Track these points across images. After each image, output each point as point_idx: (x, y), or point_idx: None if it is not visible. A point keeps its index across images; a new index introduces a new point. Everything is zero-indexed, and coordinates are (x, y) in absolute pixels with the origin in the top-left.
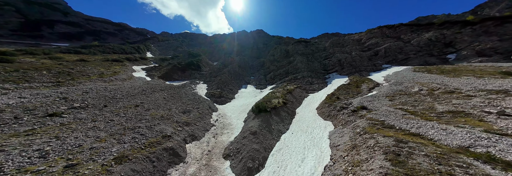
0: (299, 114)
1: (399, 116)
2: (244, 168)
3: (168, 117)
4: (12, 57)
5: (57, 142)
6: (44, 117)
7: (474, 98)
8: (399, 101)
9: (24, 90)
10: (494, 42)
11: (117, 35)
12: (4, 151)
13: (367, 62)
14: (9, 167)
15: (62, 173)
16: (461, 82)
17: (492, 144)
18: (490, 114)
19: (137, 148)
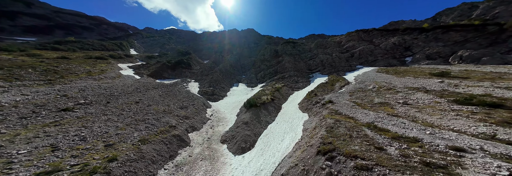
0: (284, 108)
1: (349, 107)
2: (238, 148)
3: (169, 112)
4: None
5: (86, 130)
6: (59, 112)
7: (399, 93)
8: (355, 96)
9: (20, 88)
10: (439, 47)
11: (94, 30)
12: (50, 136)
13: (344, 63)
14: (63, 146)
15: (106, 149)
16: (401, 81)
17: (382, 121)
18: (399, 104)
19: (152, 134)
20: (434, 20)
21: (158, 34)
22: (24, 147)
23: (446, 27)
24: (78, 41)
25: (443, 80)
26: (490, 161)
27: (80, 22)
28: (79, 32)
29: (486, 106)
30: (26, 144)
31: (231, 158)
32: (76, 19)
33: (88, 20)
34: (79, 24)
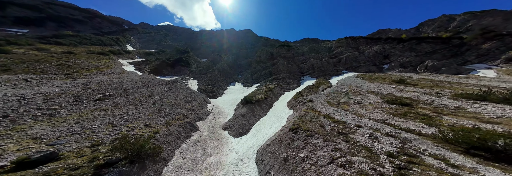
0: (275, 106)
1: (321, 104)
2: (237, 133)
3: (179, 104)
4: (6, 48)
5: (125, 114)
6: (95, 101)
7: (360, 95)
8: (330, 97)
9: (48, 80)
10: (411, 57)
11: (87, 23)
12: (104, 117)
13: (332, 67)
14: (117, 124)
15: (146, 127)
16: (368, 86)
17: (335, 113)
18: (354, 103)
19: (172, 120)
20: (417, 30)
21: (154, 30)
22: (93, 124)
23: (420, 39)
24: (75, 35)
25: (396, 86)
26: (368, 131)
27: (73, 14)
28: (72, 25)
29: (400, 104)
30: (92, 122)
31: (231, 139)
32: (69, 11)
33: (80, 13)
34: (71, 17)
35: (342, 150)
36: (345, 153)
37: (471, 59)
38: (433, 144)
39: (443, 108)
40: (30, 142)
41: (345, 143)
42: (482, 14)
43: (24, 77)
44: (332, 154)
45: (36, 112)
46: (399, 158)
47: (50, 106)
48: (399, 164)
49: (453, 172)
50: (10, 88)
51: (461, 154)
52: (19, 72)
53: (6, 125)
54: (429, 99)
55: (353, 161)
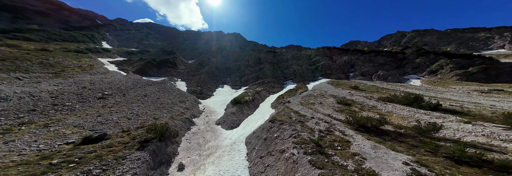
0: (260, 106)
1: (296, 105)
2: (229, 126)
3: (175, 103)
4: None
5: (133, 110)
6: (99, 99)
7: (323, 98)
8: (303, 99)
9: (39, 79)
10: (370, 67)
11: (51, 16)
12: (117, 112)
13: (310, 74)
14: (131, 118)
15: (156, 120)
16: (332, 90)
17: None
18: (318, 103)
19: (174, 115)
20: (379, 42)
21: (134, 28)
22: (112, 117)
23: (377, 52)
24: (42, 30)
25: (350, 91)
26: (316, 121)
27: (33, 5)
28: (32, 17)
29: (345, 104)
30: (111, 116)
31: (225, 131)
32: (28, 1)
33: (43, 4)
34: (32, 8)
35: (297, 130)
36: (298, 131)
37: (408, 71)
38: (344, 125)
39: (365, 107)
40: (75, 128)
41: (301, 127)
42: (424, 33)
43: (15, 75)
44: (291, 132)
45: (55, 107)
46: (324, 132)
47: (64, 103)
48: (322, 134)
49: (343, 137)
50: (15, 86)
51: (352, 129)
52: (5, 70)
53: (43, 117)
54: (363, 101)
55: (300, 135)
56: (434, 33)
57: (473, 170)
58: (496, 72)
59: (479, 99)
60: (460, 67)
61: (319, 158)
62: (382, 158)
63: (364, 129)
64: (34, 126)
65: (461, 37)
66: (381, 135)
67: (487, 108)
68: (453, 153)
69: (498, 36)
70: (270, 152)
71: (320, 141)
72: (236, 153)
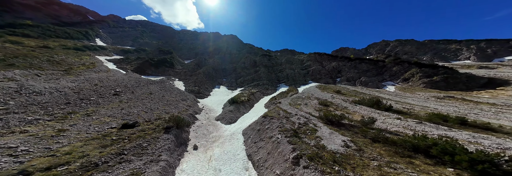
0: (255, 106)
1: (285, 105)
2: (227, 122)
3: (178, 101)
4: None
5: (146, 106)
6: (114, 95)
7: (309, 99)
8: (292, 100)
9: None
10: (354, 73)
11: (41, 10)
12: (135, 107)
13: (302, 78)
14: (147, 112)
15: (167, 114)
16: (319, 93)
17: (289, 108)
18: (302, 104)
19: (180, 111)
20: (366, 50)
21: (128, 25)
22: (132, 111)
23: (361, 59)
24: (36, 25)
25: (333, 95)
26: (298, 116)
27: None
28: (20, 11)
29: (324, 105)
30: (131, 109)
31: (224, 125)
32: None
33: None
34: (20, 1)
35: (283, 123)
36: (283, 124)
37: (386, 78)
38: (317, 120)
39: (339, 107)
40: (109, 118)
41: (286, 121)
42: (405, 42)
43: (34, 72)
44: (278, 124)
45: (83, 101)
46: (301, 124)
47: (88, 98)
48: (300, 126)
49: (314, 127)
50: (41, 82)
51: (321, 123)
52: (22, 67)
53: (80, 108)
54: (340, 103)
55: (285, 126)
56: (413, 43)
57: (380, 144)
58: (454, 81)
59: (431, 103)
60: (427, 76)
61: (294, 139)
62: (332, 139)
63: (330, 122)
64: (79, 115)
65: (436, 48)
66: (339, 126)
67: (427, 110)
68: (374, 136)
69: (466, 48)
70: (261, 139)
71: (297, 130)
72: (235, 140)
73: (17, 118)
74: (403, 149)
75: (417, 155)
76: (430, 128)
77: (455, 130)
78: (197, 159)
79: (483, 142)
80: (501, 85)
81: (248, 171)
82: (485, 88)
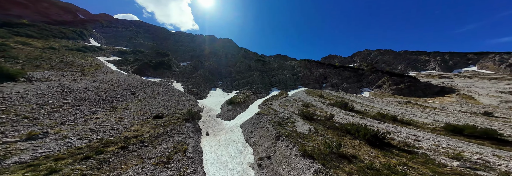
0: (250, 107)
1: (276, 106)
2: (227, 118)
3: (183, 101)
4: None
5: (161, 104)
6: (131, 94)
7: (296, 102)
8: (282, 102)
9: (77, 77)
10: (337, 80)
11: (29, 8)
12: (154, 104)
13: (292, 83)
14: (163, 108)
15: (179, 110)
16: (305, 97)
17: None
18: (290, 105)
19: (188, 109)
20: (351, 58)
21: (121, 25)
22: (154, 107)
23: (344, 67)
24: (32, 24)
25: (315, 98)
26: (284, 114)
27: None
28: (8, 8)
29: (306, 106)
30: (152, 106)
31: (224, 121)
32: None
33: None
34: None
35: (271, 117)
36: (272, 118)
37: (364, 84)
38: (297, 116)
39: (317, 108)
40: (141, 111)
41: (274, 116)
42: (384, 52)
43: (58, 73)
44: (268, 119)
45: (112, 98)
46: (285, 119)
47: (115, 95)
48: (283, 119)
49: (293, 120)
50: (67, 81)
51: (299, 118)
52: (47, 68)
53: (116, 104)
54: (319, 105)
55: (273, 119)
56: (391, 53)
57: (330, 130)
58: (415, 88)
59: (390, 107)
60: (395, 83)
61: (278, 127)
62: (302, 127)
63: (305, 117)
64: (119, 109)
65: (409, 58)
66: (311, 120)
67: (381, 111)
68: (329, 125)
69: (433, 59)
70: (256, 129)
71: (281, 122)
72: (235, 131)
73: (85, 109)
74: (341, 132)
75: (347, 135)
76: (367, 121)
77: (381, 123)
78: (211, 140)
79: (389, 129)
80: (449, 93)
81: (246, 148)
82: (437, 95)
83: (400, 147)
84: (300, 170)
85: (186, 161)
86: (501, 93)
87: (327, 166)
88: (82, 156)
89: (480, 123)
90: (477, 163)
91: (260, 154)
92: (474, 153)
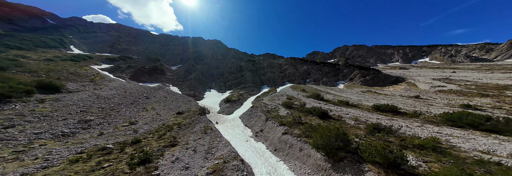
0: (244, 104)
1: (266, 100)
2: (227, 113)
3: (187, 102)
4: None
5: (174, 105)
6: (147, 99)
7: (282, 96)
8: (271, 97)
9: (93, 87)
10: (319, 75)
11: None
12: (169, 105)
13: (280, 80)
14: (177, 108)
15: (190, 108)
16: (290, 92)
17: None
18: (277, 99)
19: (197, 107)
20: (332, 54)
21: (99, 30)
22: (171, 107)
23: (324, 63)
24: (9, 34)
25: (298, 93)
26: (272, 105)
27: None
28: None
29: (289, 99)
30: (170, 106)
31: (225, 115)
32: None
33: None
34: None
35: (262, 108)
36: (262, 108)
37: (340, 78)
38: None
39: (297, 99)
40: (165, 110)
41: (264, 107)
42: (359, 47)
43: (78, 84)
44: (260, 109)
45: (136, 102)
46: (272, 108)
47: (137, 100)
48: (271, 109)
49: (278, 109)
50: (93, 90)
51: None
52: (65, 80)
53: (143, 106)
54: (299, 97)
55: (263, 109)
56: (364, 48)
57: (301, 113)
58: (378, 79)
59: (353, 95)
60: (363, 76)
61: (267, 113)
62: (283, 112)
63: (287, 106)
64: (148, 108)
65: (379, 52)
66: (290, 108)
67: (343, 99)
68: (301, 110)
69: (396, 52)
70: (251, 117)
71: (269, 110)
72: (236, 121)
73: (128, 110)
74: (306, 113)
75: (309, 114)
76: (328, 106)
77: (337, 106)
78: (220, 126)
79: (337, 109)
80: (400, 82)
81: (246, 129)
82: (393, 84)
83: (335, 118)
84: (278, 131)
85: (214, 133)
86: (433, 80)
87: (291, 127)
88: (165, 131)
89: (403, 103)
90: (365, 122)
91: (256, 130)
92: (372, 118)
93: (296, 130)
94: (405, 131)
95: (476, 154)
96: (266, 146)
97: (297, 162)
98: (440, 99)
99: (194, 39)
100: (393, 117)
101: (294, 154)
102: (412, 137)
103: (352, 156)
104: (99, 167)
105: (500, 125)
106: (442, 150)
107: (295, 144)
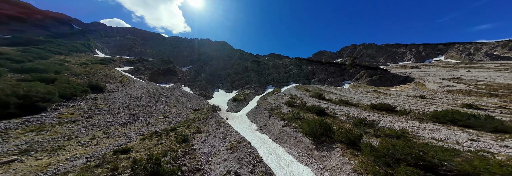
0: (249, 103)
1: (270, 99)
2: (235, 111)
3: (199, 101)
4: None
5: (188, 103)
6: (166, 98)
7: (285, 96)
8: (275, 97)
9: (125, 88)
10: (324, 75)
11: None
12: (186, 103)
13: (285, 80)
14: (193, 106)
15: (203, 106)
16: (294, 92)
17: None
18: (280, 99)
19: (210, 105)
20: (340, 53)
21: (117, 34)
22: (188, 105)
23: (330, 63)
24: (48, 41)
25: (302, 92)
26: (275, 104)
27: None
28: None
29: (292, 98)
30: (186, 104)
31: (233, 113)
32: None
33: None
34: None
35: (267, 106)
36: (267, 107)
37: (346, 78)
38: (284, 105)
39: (300, 99)
40: (184, 107)
41: (268, 106)
42: (368, 46)
43: (113, 85)
44: (265, 107)
45: (159, 100)
46: (275, 107)
47: (160, 99)
48: (274, 107)
49: (280, 108)
50: (126, 90)
51: (285, 105)
52: (107, 81)
53: (166, 103)
54: (302, 97)
55: (268, 107)
56: (374, 47)
57: (302, 110)
58: (385, 79)
59: (357, 95)
60: (369, 75)
61: (270, 111)
62: (285, 110)
63: (288, 105)
64: (172, 106)
65: (390, 51)
66: (292, 106)
67: (345, 99)
68: (302, 108)
69: (409, 51)
70: (257, 114)
71: (273, 108)
72: (243, 118)
73: (157, 107)
74: (306, 110)
75: (308, 111)
76: (328, 105)
77: (336, 105)
78: (230, 121)
79: (335, 107)
80: (409, 82)
81: (252, 124)
82: (400, 84)
83: (330, 115)
84: (279, 125)
85: (226, 125)
86: (443, 80)
87: (290, 121)
88: (190, 123)
89: (405, 103)
90: (356, 118)
91: (260, 125)
92: (363, 115)
93: (294, 123)
94: (385, 125)
95: (431, 141)
96: (269, 137)
97: (292, 147)
98: (446, 99)
99: (202, 41)
100: (385, 114)
101: (290, 141)
102: (388, 129)
103: (330, 139)
104: (159, 142)
105: (475, 121)
106: (405, 138)
107: (292, 134)
